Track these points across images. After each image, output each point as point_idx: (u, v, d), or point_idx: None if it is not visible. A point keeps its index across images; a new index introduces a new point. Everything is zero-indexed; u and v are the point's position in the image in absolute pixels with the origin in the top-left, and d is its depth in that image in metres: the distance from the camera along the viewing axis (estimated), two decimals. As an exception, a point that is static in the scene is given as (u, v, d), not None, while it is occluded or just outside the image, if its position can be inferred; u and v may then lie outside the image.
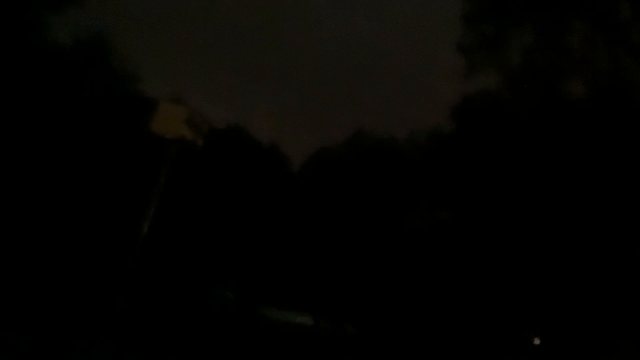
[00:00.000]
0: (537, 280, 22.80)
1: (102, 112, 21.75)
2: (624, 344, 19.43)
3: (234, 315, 21.11)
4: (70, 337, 10.27)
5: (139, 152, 19.37)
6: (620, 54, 18.21)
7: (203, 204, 25.97)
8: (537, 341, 23.45)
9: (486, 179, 25.07)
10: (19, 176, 20.59)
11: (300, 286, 27.73)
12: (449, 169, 26.84)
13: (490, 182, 24.87)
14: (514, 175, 23.95)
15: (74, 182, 21.10)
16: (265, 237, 28.32)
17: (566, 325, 22.02)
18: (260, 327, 19.80)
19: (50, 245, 18.93)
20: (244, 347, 15.01)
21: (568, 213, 22.29)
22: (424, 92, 27.56)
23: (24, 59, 21.77)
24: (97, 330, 10.62)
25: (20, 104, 21.49)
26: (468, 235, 25.11)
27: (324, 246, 28.97)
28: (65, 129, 21.39)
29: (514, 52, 19.80)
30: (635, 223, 20.74)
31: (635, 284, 19.80)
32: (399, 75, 29.37)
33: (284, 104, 33.28)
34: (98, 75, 24.08)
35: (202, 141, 16.32)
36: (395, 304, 26.41)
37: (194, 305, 19.52)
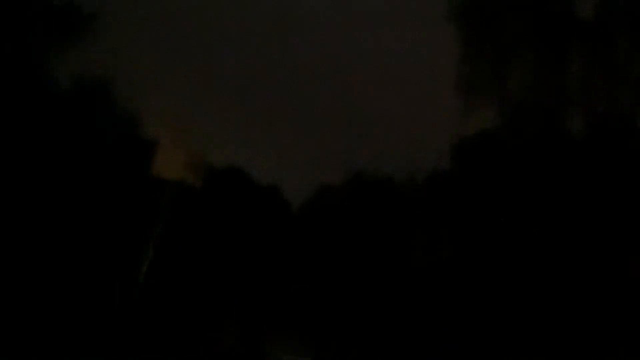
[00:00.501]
0: (541, 320, 22.58)
1: (103, 154, 21.74)
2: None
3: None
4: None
5: (139, 194, 19.30)
6: (619, 91, 18.33)
7: (201, 245, 25.78)
8: None
9: (487, 217, 25.02)
10: (18, 217, 20.50)
11: (302, 329, 27.40)
12: (450, 208, 26.80)
13: (491, 220, 24.82)
14: (514, 212, 23.93)
15: (73, 224, 20.96)
16: (265, 279, 28.07)
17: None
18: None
19: (48, 288, 18.73)
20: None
21: (569, 250, 22.20)
22: (422, 131, 27.52)
23: (25, 102, 21.89)
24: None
25: (21, 146, 21.53)
26: (471, 273, 24.92)
27: (325, 288, 28.70)
28: (65, 171, 21.36)
29: (512, 91, 19.91)
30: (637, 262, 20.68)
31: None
32: (397, 116, 29.42)
33: (283, 144, 33.25)
34: (99, 117, 24.16)
35: (201, 183, 16.18)
36: (400, 346, 26.06)
37: (192, 352, 19.22)
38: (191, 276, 24.80)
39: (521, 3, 18.30)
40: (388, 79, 30.16)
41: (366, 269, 28.63)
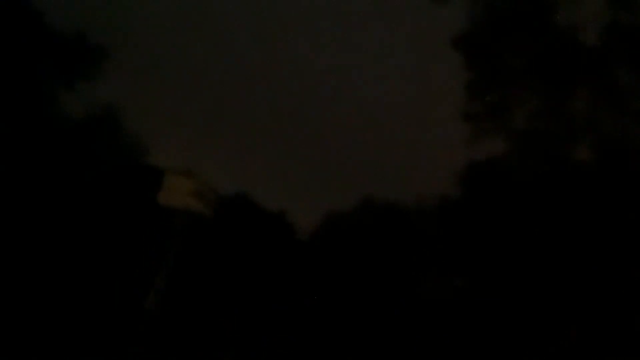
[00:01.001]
0: (552, 347, 22.48)
1: (113, 184, 21.99)
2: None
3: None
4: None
5: (149, 224, 19.47)
6: (625, 120, 18.45)
7: (211, 273, 25.88)
8: None
9: (497, 244, 25.02)
10: (26, 247, 20.69)
11: (312, 356, 27.33)
12: (459, 235, 26.82)
13: (501, 247, 24.82)
14: (523, 238, 23.94)
15: (83, 253, 21.14)
16: (275, 305, 28.09)
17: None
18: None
19: (59, 316, 18.85)
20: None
21: (578, 276, 22.19)
22: (430, 158, 27.67)
23: (37, 133, 22.21)
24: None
25: (32, 177, 21.79)
26: (483, 301, 24.89)
27: (335, 315, 28.67)
28: (76, 201, 21.60)
29: (519, 119, 20.06)
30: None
31: None
32: (405, 142, 29.57)
33: (292, 171, 33.44)
34: (109, 147, 24.46)
35: (211, 212, 16.34)
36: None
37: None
38: (201, 304, 24.88)
39: (527, 33, 18.50)
40: (397, 107, 30.37)
41: (376, 297, 28.60)
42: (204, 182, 15.57)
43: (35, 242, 20.88)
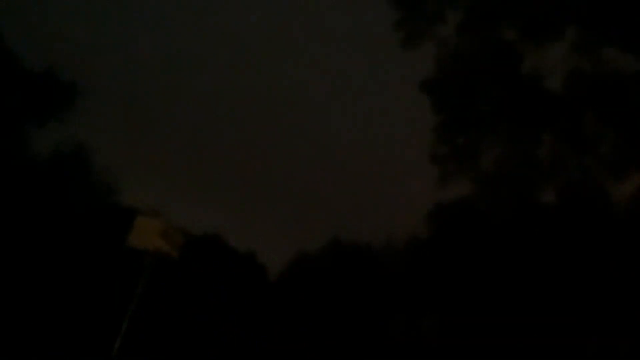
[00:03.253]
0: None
1: (81, 224, 21.74)
2: None
3: None
4: None
5: (117, 264, 19.25)
6: (589, 164, 18.91)
7: (179, 315, 25.58)
8: None
9: (464, 283, 25.18)
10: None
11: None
12: (428, 275, 26.96)
13: (468, 286, 24.98)
14: (489, 278, 24.16)
15: (49, 294, 20.77)
16: (244, 347, 27.78)
17: None
18: None
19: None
20: None
21: (544, 314, 22.44)
22: (399, 199, 27.97)
23: (5, 171, 21.97)
24: None
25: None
26: (452, 341, 24.94)
27: (304, 356, 28.44)
28: (43, 241, 21.29)
29: (486, 162, 20.42)
30: (611, 328, 20.91)
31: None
32: (374, 183, 29.85)
33: (260, 211, 33.46)
34: (78, 187, 24.24)
35: (178, 253, 16.26)
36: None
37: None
38: (168, 346, 24.52)
39: (495, 80, 18.97)
40: (367, 148, 30.72)
41: (345, 337, 28.48)
42: (172, 223, 15.51)
43: (1, 282, 20.47)
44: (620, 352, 19.91)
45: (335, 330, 29.01)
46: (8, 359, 17.54)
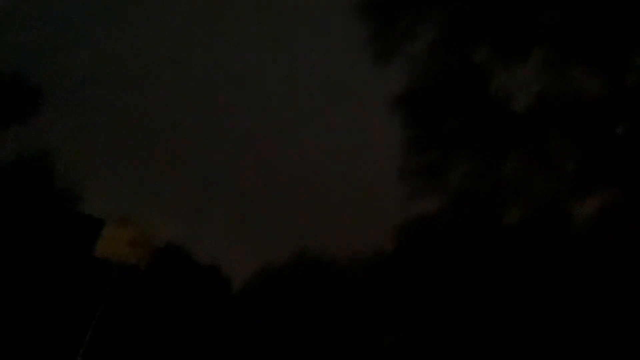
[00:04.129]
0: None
1: (46, 231, 21.36)
2: None
3: None
4: None
5: (82, 273, 18.97)
6: (553, 183, 19.28)
7: (143, 325, 25.24)
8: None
9: (429, 299, 25.33)
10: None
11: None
12: (393, 290, 27.07)
13: (433, 302, 25.14)
14: (455, 295, 24.35)
15: (12, 303, 20.34)
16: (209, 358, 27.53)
17: None
18: None
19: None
20: None
21: (508, 331, 22.71)
22: (366, 213, 28.09)
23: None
24: None
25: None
26: (417, 357, 25.09)
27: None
28: (5, 248, 20.86)
29: (453, 179, 20.67)
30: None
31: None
32: (342, 197, 29.96)
33: (225, 223, 33.28)
34: (41, 194, 23.83)
35: (145, 262, 16.10)
36: None
37: None
38: (132, 356, 24.17)
39: (464, 97, 19.27)
40: (334, 162, 30.82)
41: (309, 352, 28.40)
42: (142, 230, 15.37)
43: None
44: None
45: (298, 344, 28.92)
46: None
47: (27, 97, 25.82)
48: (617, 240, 19.57)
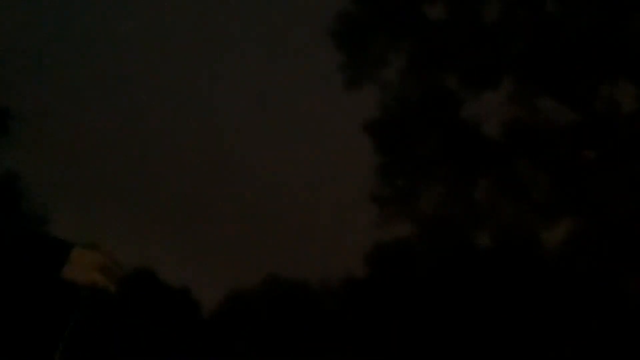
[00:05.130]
0: None
1: (11, 254, 21.00)
2: None
3: None
4: None
5: (49, 299, 18.64)
6: (523, 209, 19.54)
7: (111, 350, 24.84)
8: None
9: (401, 325, 25.38)
10: None
11: None
12: (364, 315, 27.08)
13: (405, 328, 25.19)
14: (426, 320, 24.44)
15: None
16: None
17: None
18: None
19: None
20: None
21: (480, 354, 22.83)
22: (337, 238, 28.14)
23: None
24: None
25: None
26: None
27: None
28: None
29: (425, 204, 20.82)
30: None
31: None
32: (313, 221, 29.99)
33: (195, 246, 33.07)
34: (7, 216, 23.45)
35: (115, 287, 15.94)
36: None
37: None
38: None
39: (435, 124, 19.50)
40: (305, 186, 30.87)
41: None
42: (111, 256, 15.20)
43: None
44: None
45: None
46: None
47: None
48: (587, 266, 19.84)
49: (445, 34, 18.98)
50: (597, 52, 17.70)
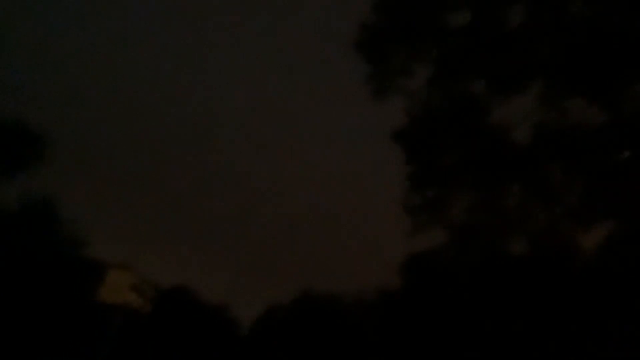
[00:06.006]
0: None
1: (50, 277, 21.35)
2: None
3: None
4: None
5: (87, 319, 18.88)
6: (557, 214, 19.24)
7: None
8: None
9: (435, 335, 25.17)
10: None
11: None
12: (398, 326, 26.91)
13: (439, 338, 24.97)
14: (461, 330, 24.20)
15: (19, 348, 20.22)
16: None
17: None
18: None
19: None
20: None
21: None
22: (370, 250, 28.10)
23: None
24: None
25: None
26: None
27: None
28: (10, 293, 20.82)
29: (456, 213, 20.61)
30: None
31: None
32: (346, 235, 29.96)
33: (232, 264, 33.27)
34: (45, 240, 23.87)
35: (149, 306, 16.04)
36: None
37: None
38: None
39: (463, 131, 19.37)
40: (338, 200, 30.82)
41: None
42: (143, 276, 15.34)
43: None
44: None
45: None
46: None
47: (30, 144, 25.97)
48: (624, 270, 19.44)
49: (470, 40, 18.87)
50: (626, 50, 17.42)
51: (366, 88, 19.55)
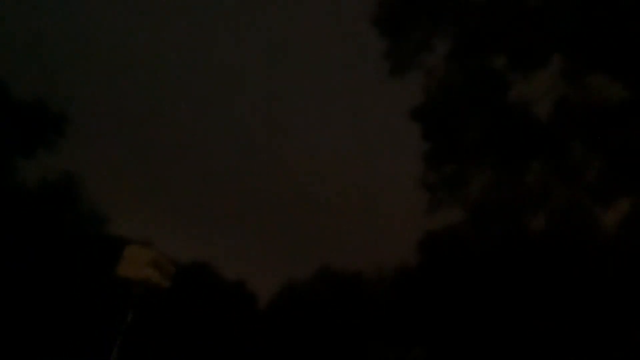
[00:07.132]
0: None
1: (70, 254, 21.60)
2: None
3: None
4: None
5: (106, 295, 19.08)
6: (577, 191, 19.08)
7: (169, 345, 25.32)
8: None
9: (454, 312, 25.14)
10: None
11: None
12: (417, 303, 26.90)
13: (458, 315, 24.94)
14: (480, 306, 24.14)
15: (38, 324, 20.55)
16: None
17: None
18: None
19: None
20: None
21: (533, 342, 22.44)
22: (389, 227, 27.99)
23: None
24: None
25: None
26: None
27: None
28: (32, 270, 21.12)
29: (474, 189, 20.53)
30: None
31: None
32: (364, 211, 29.89)
33: (249, 240, 33.34)
34: (66, 217, 24.13)
35: (169, 283, 16.20)
36: None
37: None
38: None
39: (482, 108, 19.19)
40: (356, 176, 30.81)
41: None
42: (163, 252, 15.45)
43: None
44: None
45: (324, 359, 28.78)
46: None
47: (51, 121, 26.19)
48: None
49: (490, 15, 18.63)
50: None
51: (385, 64, 19.44)
